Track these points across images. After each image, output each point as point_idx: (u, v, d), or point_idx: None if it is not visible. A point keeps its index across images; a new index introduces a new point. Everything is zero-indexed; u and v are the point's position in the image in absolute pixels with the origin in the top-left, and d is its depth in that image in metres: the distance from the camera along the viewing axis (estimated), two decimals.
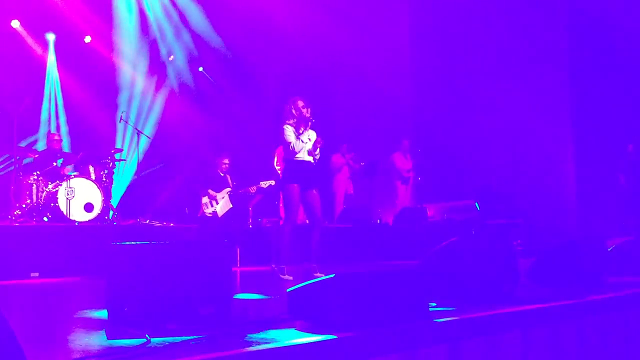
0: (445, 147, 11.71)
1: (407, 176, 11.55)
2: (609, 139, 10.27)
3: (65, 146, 10.63)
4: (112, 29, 11.05)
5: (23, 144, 9.48)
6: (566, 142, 10.92)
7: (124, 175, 10.57)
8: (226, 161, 9.60)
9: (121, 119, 10.02)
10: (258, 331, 2.82)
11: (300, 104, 6.06)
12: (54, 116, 10.79)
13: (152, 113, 11.43)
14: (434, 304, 3.46)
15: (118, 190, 10.68)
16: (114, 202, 10.33)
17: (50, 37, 10.59)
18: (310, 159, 6.05)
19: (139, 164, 10.13)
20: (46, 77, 10.70)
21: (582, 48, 10.69)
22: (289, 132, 6.00)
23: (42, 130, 10.47)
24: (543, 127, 10.96)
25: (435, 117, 12.10)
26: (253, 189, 9.19)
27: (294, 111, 6.03)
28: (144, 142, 10.61)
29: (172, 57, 11.62)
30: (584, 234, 9.63)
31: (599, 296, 4.11)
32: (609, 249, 4.79)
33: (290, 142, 5.98)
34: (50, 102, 10.78)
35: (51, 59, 10.66)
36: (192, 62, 11.81)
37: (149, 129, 10.94)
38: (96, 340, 2.83)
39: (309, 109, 6.06)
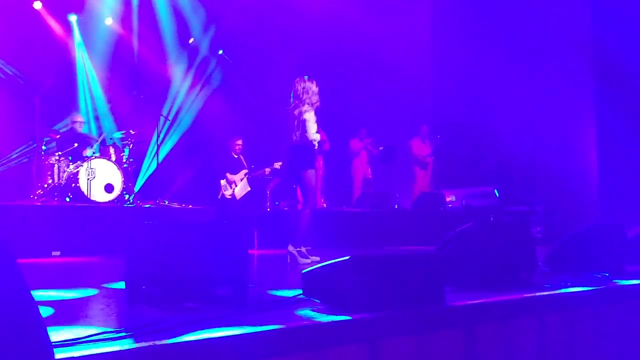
0: (465, 134, 11.62)
1: (426, 161, 11.54)
2: (631, 126, 10.11)
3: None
4: (131, 11, 11.05)
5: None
6: (588, 128, 10.76)
7: (153, 159, 10.59)
8: (239, 142, 9.62)
9: (135, 93, 9.95)
10: (273, 311, 2.85)
11: None
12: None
13: (176, 99, 11.46)
14: (449, 289, 3.45)
15: (146, 173, 10.75)
16: (139, 183, 10.40)
17: (73, 18, 10.63)
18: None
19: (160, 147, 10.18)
20: (76, 59, 10.73)
21: (606, 33, 10.49)
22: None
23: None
24: (564, 113, 10.81)
25: (454, 103, 12.00)
26: (267, 170, 9.26)
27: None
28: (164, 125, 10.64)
29: (192, 39, 11.61)
30: (604, 221, 9.52)
31: (618, 284, 4.08)
32: None
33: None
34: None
35: (77, 39, 10.69)
36: (213, 44, 11.78)
37: (166, 112, 10.94)
38: (115, 316, 2.89)
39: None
